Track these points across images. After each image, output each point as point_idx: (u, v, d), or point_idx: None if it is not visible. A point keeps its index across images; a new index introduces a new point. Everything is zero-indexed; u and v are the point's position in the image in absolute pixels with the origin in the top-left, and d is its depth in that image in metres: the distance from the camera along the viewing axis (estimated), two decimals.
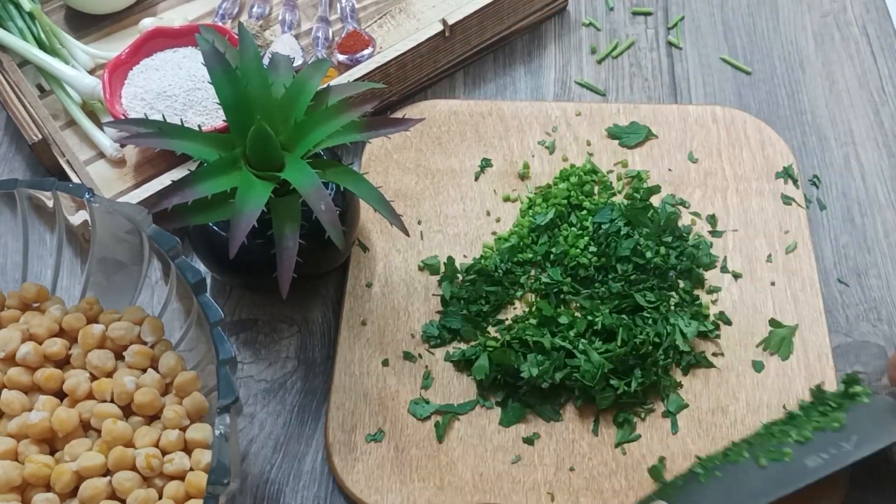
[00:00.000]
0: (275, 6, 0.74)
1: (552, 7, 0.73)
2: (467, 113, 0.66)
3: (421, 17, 0.73)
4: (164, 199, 0.45)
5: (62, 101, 0.66)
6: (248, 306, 0.59)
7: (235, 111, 0.48)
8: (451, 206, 0.62)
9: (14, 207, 0.51)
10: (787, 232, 0.59)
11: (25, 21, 0.68)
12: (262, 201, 0.45)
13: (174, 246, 0.45)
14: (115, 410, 0.46)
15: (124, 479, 0.43)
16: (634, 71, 0.70)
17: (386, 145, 0.64)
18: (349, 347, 0.56)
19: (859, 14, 0.73)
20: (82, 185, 0.57)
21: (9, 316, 0.49)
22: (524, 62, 0.71)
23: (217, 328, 0.43)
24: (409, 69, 0.67)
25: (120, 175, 0.64)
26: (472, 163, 0.64)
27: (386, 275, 0.59)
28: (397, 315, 0.57)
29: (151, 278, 0.52)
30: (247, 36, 0.50)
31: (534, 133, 0.65)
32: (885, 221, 0.62)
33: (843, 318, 0.57)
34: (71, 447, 0.44)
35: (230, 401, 0.41)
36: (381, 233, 0.61)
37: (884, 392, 0.54)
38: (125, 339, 0.48)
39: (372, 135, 0.50)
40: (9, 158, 0.67)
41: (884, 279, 0.59)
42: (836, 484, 0.49)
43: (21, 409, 0.46)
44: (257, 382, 0.56)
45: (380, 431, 0.53)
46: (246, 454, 0.53)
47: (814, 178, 0.64)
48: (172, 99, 0.63)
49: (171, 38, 0.67)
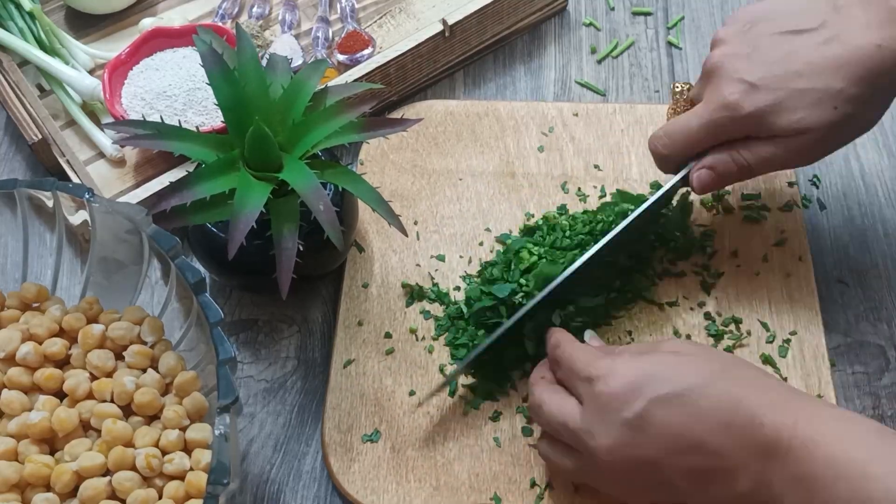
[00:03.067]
0: (275, 6, 0.74)
1: (552, 7, 0.73)
2: (464, 113, 0.66)
3: (421, 17, 0.73)
4: (162, 201, 0.45)
5: (62, 101, 0.66)
6: (247, 306, 0.59)
7: (234, 112, 0.48)
8: (448, 206, 0.62)
9: (14, 207, 0.51)
10: (783, 232, 0.59)
11: (25, 21, 0.68)
12: (260, 202, 0.45)
13: (174, 246, 0.45)
14: (115, 410, 0.46)
15: (124, 479, 0.43)
16: (634, 71, 0.70)
17: (382, 146, 0.64)
18: (345, 348, 0.56)
19: None
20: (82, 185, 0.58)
21: (9, 316, 0.49)
22: (524, 62, 0.71)
23: (217, 328, 0.43)
24: (408, 69, 0.67)
25: (120, 175, 0.64)
26: (469, 163, 0.64)
27: (382, 275, 0.59)
28: (393, 315, 0.57)
29: (151, 278, 0.52)
30: (244, 37, 0.50)
31: (530, 133, 0.65)
32: (885, 221, 0.62)
33: (842, 318, 0.57)
34: (71, 447, 0.45)
35: (230, 401, 0.41)
36: (377, 233, 0.61)
37: (883, 392, 0.54)
38: (125, 339, 0.48)
39: (370, 135, 0.50)
40: (9, 158, 0.67)
41: (884, 279, 0.59)
42: None
43: (21, 409, 0.46)
44: (257, 382, 0.56)
45: (376, 432, 0.53)
46: (246, 454, 0.54)
47: (814, 178, 0.64)
48: (172, 99, 0.63)
49: (171, 38, 0.68)
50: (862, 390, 0.54)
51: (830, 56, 0.47)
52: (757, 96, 0.48)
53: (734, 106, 0.48)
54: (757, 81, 0.48)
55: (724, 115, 0.49)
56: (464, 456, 0.52)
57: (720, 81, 0.49)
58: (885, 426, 0.40)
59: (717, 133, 0.50)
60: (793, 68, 0.47)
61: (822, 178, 0.64)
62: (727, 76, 0.49)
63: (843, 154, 0.65)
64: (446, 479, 0.51)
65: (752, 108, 0.48)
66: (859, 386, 0.55)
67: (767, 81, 0.48)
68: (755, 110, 0.48)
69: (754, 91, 0.48)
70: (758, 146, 0.49)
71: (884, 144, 0.65)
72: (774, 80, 0.48)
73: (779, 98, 0.47)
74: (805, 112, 0.47)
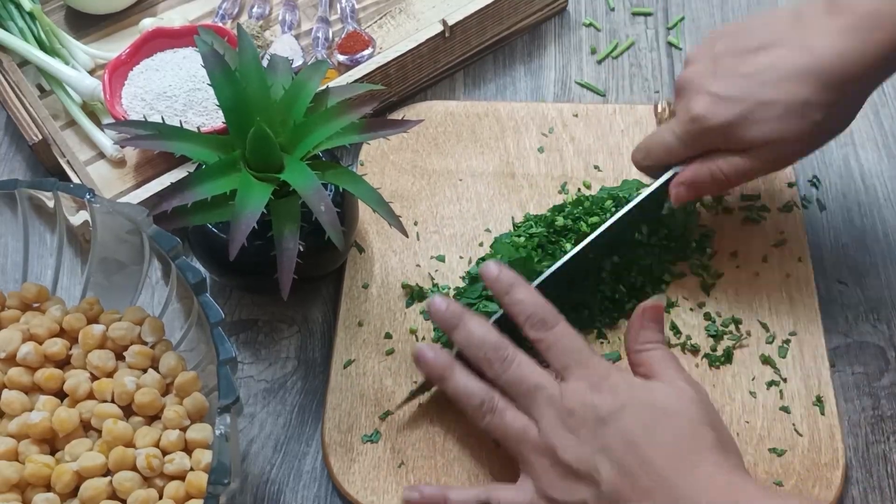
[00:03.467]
0: (275, 6, 0.74)
1: (552, 7, 0.73)
2: (464, 114, 0.66)
3: (421, 17, 0.73)
4: (163, 202, 0.45)
5: (62, 102, 0.66)
6: (247, 307, 0.59)
7: (234, 113, 0.48)
8: (448, 207, 0.62)
9: (14, 208, 0.51)
10: (782, 232, 0.60)
11: (26, 21, 0.68)
12: (261, 203, 0.45)
13: (174, 246, 0.45)
14: (116, 410, 0.46)
15: (125, 480, 0.43)
16: (634, 71, 0.70)
17: (382, 146, 0.65)
18: (346, 348, 0.56)
19: None
20: (83, 185, 0.58)
21: (9, 316, 0.49)
22: (524, 62, 0.71)
23: (217, 328, 0.43)
24: (409, 70, 0.67)
25: (120, 175, 0.64)
26: (469, 164, 0.64)
27: (382, 276, 0.59)
28: (393, 316, 0.57)
29: (152, 278, 0.52)
30: (245, 37, 0.50)
31: (530, 134, 0.65)
32: (884, 221, 0.62)
33: (842, 318, 0.57)
34: (71, 447, 0.45)
35: (230, 401, 0.41)
36: (377, 234, 0.61)
37: (882, 393, 0.54)
38: (126, 339, 0.48)
39: (371, 136, 0.50)
40: (9, 158, 0.67)
41: (884, 279, 0.59)
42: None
43: (21, 410, 0.46)
44: (257, 382, 0.56)
45: (376, 432, 0.53)
46: (246, 454, 0.54)
47: (813, 178, 0.64)
48: (173, 99, 0.63)
49: (171, 38, 0.67)
50: (862, 391, 0.54)
51: (794, 66, 0.47)
52: (723, 108, 0.49)
53: (701, 118, 0.49)
54: (722, 94, 0.49)
55: (693, 127, 0.50)
56: (464, 457, 0.52)
57: (689, 95, 0.51)
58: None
59: (691, 145, 0.51)
60: (758, 80, 0.48)
61: (822, 179, 0.64)
62: (695, 90, 0.50)
63: (843, 154, 0.65)
64: (446, 480, 0.51)
65: (719, 120, 0.49)
66: (859, 386, 0.55)
67: (733, 93, 0.48)
68: (722, 122, 0.49)
69: (720, 103, 0.49)
70: (732, 158, 0.50)
71: (884, 145, 0.65)
72: (740, 92, 0.48)
73: (745, 110, 0.48)
74: (773, 123, 0.48)
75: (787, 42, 0.48)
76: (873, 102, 0.67)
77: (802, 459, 0.51)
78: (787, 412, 0.53)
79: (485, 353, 0.48)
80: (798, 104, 0.47)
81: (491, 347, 0.48)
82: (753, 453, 0.51)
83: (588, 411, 0.44)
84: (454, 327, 0.49)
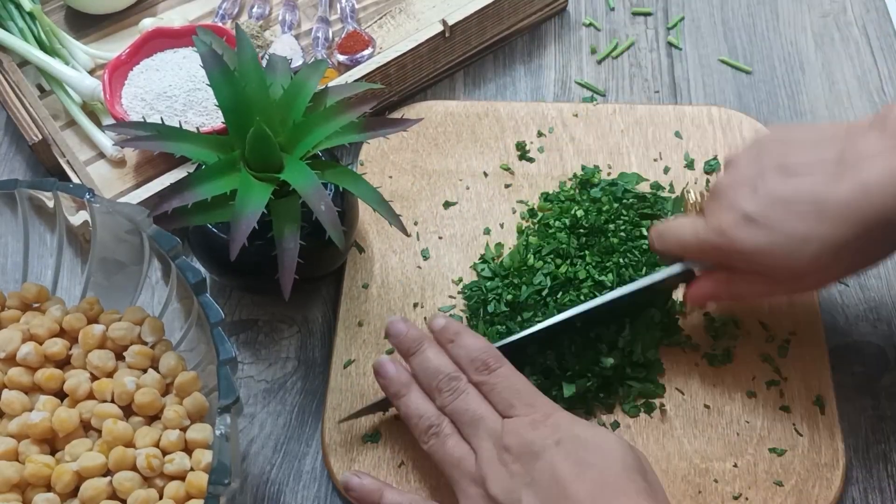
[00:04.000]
0: (275, 6, 0.74)
1: (552, 7, 0.73)
2: (463, 114, 0.66)
3: (421, 17, 0.73)
4: (164, 202, 0.45)
5: (62, 102, 0.66)
6: (248, 307, 0.59)
7: (234, 113, 0.48)
8: (448, 207, 0.62)
9: (14, 208, 0.51)
10: None
11: (26, 21, 0.68)
12: (261, 203, 0.45)
13: (174, 246, 0.45)
14: (116, 411, 0.46)
15: (125, 480, 0.43)
16: (634, 71, 0.70)
17: (382, 146, 0.65)
18: (346, 348, 0.56)
19: (859, 14, 0.73)
20: (83, 185, 0.58)
21: (9, 316, 0.49)
22: (524, 62, 0.71)
23: (217, 328, 0.43)
24: (408, 70, 0.67)
25: (120, 175, 0.64)
26: (469, 163, 0.64)
27: (382, 276, 0.59)
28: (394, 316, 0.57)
29: (152, 278, 0.52)
30: (244, 37, 0.50)
31: (530, 134, 0.65)
32: None
33: (842, 318, 0.57)
34: (71, 447, 0.45)
35: (231, 401, 0.41)
36: (377, 234, 0.61)
37: (882, 393, 0.54)
38: (125, 339, 0.48)
39: (370, 135, 0.50)
40: (9, 158, 0.67)
41: (884, 279, 0.59)
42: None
43: (21, 410, 0.46)
44: (257, 383, 0.56)
45: (376, 433, 0.53)
46: (246, 454, 0.54)
47: None
48: (173, 99, 0.63)
49: (171, 38, 0.67)
50: (862, 390, 0.54)
51: (837, 200, 0.43)
52: (752, 233, 0.45)
53: (728, 236, 0.46)
54: (755, 216, 0.45)
55: (717, 241, 0.47)
56: None
57: (722, 206, 0.47)
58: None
59: (708, 253, 0.49)
60: (795, 209, 0.44)
61: None
62: (728, 204, 0.47)
63: None
64: (446, 480, 0.51)
65: (746, 245, 0.46)
66: (859, 386, 0.55)
67: (765, 219, 0.45)
68: (749, 248, 0.46)
69: (751, 226, 0.45)
70: (755, 284, 0.48)
71: None
72: (773, 219, 0.45)
73: (775, 241, 0.45)
74: (802, 260, 0.44)
75: (835, 165, 0.44)
76: (873, 102, 0.67)
77: (802, 459, 0.51)
78: (787, 412, 0.53)
79: (437, 383, 0.48)
80: (833, 246, 0.43)
81: (444, 377, 0.48)
82: (753, 453, 0.51)
83: (524, 447, 0.44)
84: (412, 353, 0.50)
